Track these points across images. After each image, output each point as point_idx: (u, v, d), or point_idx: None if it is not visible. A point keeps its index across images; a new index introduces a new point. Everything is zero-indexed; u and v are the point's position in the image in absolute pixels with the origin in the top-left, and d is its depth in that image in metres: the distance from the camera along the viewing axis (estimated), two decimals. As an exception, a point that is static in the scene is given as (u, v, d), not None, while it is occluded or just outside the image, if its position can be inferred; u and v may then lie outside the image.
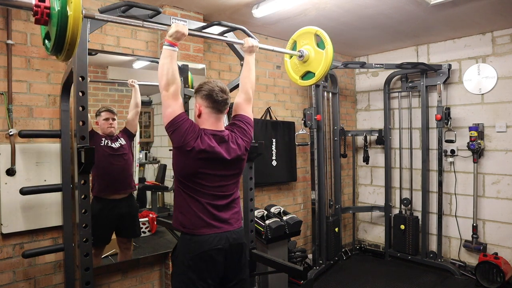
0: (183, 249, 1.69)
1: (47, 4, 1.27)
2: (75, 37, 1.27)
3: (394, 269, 4.09)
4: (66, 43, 1.28)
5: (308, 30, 2.28)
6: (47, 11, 1.27)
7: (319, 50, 2.21)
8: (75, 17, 1.24)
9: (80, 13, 1.25)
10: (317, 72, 2.23)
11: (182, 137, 1.62)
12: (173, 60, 1.67)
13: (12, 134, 2.26)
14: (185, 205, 1.70)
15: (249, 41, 2.01)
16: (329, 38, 2.17)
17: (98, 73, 2.71)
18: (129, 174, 2.81)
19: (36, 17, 1.27)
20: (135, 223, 2.85)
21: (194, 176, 1.67)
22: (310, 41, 2.26)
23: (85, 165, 1.68)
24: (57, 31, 1.25)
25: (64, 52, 1.30)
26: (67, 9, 1.23)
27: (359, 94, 4.98)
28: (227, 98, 1.76)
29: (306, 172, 4.29)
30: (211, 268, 1.67)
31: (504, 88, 3.69)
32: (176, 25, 1.68)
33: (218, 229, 1.69)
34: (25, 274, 2.37)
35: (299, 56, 2.28)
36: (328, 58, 2.16)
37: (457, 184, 4.02)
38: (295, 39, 2.36)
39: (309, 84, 2.37)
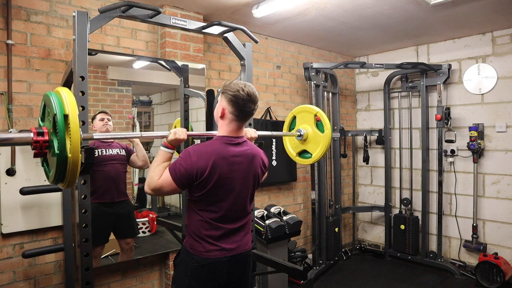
0: (186, 258, 1.67)
1: (45, 139, 1.29)
2: (75, 174, 1.30)
3: (394, 269, 4.09)
4: (66, 179, 1.30)
5: (308, 109, 2.26)
6: (46, 145, 1.30)
7: (318, 132, 2.19)
8: (74, 158, 1.26)
9: (78, 153, 1.27)
10: (314, 154, 2.22)
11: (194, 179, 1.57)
12: (165, 161, 1.63)
13: (12, 134, 2.26)
14: (196, 228, 1.65)
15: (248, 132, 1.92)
16: (328, 121, 2.17)
17: (98, 73, 2.71)
18: (122, 182, 2.76)
19: (35, 151, 1.30)
20: (131, 223, 2.85)
21: (208, 194, 1.61)
22: (309, 120, 2.24)
23: (85, 165, 1.67)
24: (57, 169, 1.27)
25: (65, 184, 1.33)
26: (66, 152, 1.24)
27: (359, 94, 4.98)
28: (254, 109, 1.67)
29: (306, 172, 4.29)
30: (213, 277, 1.65)
31: (504, 88, 3.69)
32: (175, 133, 1.65)
33: (228, 252, 1.66)
34: (25, 274, 2.37)
35: (298, 136, 2.26)
36: (326, 143, 2.15)
37: (457, 184, 4.02)
38: (295, 114, 2.34)
39: (305, 163, 2.36)
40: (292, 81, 4.17)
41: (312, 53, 4.40)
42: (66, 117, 1.24)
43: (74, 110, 1.26)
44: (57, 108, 1.24)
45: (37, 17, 2.42)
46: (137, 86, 2.97)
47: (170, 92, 3.16)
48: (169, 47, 2.91)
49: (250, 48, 2.33)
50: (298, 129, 2.26)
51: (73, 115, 1.25)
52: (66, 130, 1.24)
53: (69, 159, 1.25)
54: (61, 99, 1.27)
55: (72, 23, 2.03)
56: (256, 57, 3.76)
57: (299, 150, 2.32)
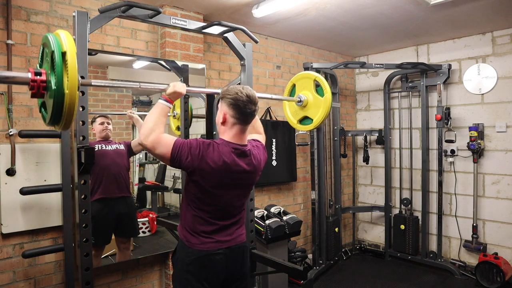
0: (182, 254, 1.68)
1: (43, 78, 1.27)
2: (72, 113, 1.28)
3: (394, 269, 4.09)
4: (63, 118, 1.28)
5: (307, 75, 2.27)
6: (44, 85, 1.28)
7: (318, 97, 2.20)
8: (71, 95, 1.24)
9: (76, 90, 1.25)
10: (315, 119, 2.22)
11: (190, 164, 1.56)
12: (162, 115, 1.61)
13: (12, 134, 2.26)
14: (190, 222, 1.66)
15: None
16: (328, 85, 2.17)
17: (98, 73, 2.71)
18: (123, 177, 2.77)
19: (32, 91, 1.28)
20: (133, 222, 2.85)
21: (205, 195, 1.63)
22: (309, 86, 2.25)
23: (85, 165, 1.68)
24: (53, 107, 1.26)
25: (61, 124, 1.32)
26: (63, 88, 1.23)
27: (359, 94, 4.98)
28: (255, 110, 1.66)
29: (306, 172, 4.29)
30: (210, 272, 1.66)
31: (504, 88, 3.69)
32: (175, 85, 1.64)
33: (223, 244, 1.68)
34: (25, 274, 2.37)
35: (298, 102, 2.27)
36: (326, 105, 2.16)
37: (457, 184, 4.02)
38: (295, 82, 2.35)
39: (307, 129, 2.36)
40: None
41: (312, 53, 4.40)
42: (64, 54, 1.23)
43: (72, 48, 1.25)
44: (55, 46, 1.24)
45: (37, 17, 2.42)
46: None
47: (170, 92, 3.15)
48: (169, 47, 2.91)
49: (250, 48, 2.33)
50: (298, 95, 2.27)
51: (71, 52, 1.24)
52: (64, 67, 1.23)
53: (66, 95, 1.23)
54: (59, 39, 1.26)
55: (72, 23, 2.03)
56: (256, 57, 3.76)
57: (299, 117, 2.33)
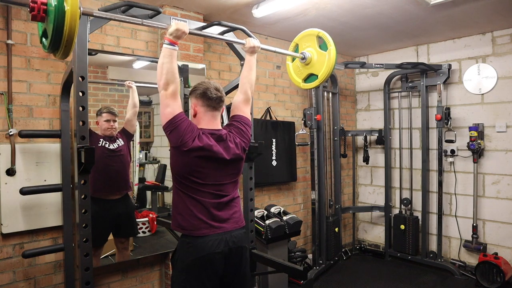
0: (182, 254, 1.68)
1: (43, 0, 1.24)
2: (73, 33, 1.24)
3: (394, 269, 4.08)
4: (63, 39, 1.25)
5: (310, 32, 2.26)
6: (44, 7, 1.24)
7: (322, 52, 2.19)
8: (72, 12, 1.21)
9: (77, 8, 1.23)
10: (320, 73, 2.20)
11: (180, 137, 1.60)
12: (173, 59, 1.64)
13: (12, 134, 2.26)
14: (183, 205, 1.68)
15: (251, 41, 2.00)
16: (331, 39, 2.16)
17: (98, 73, 2.71)
18: (125, 175, 2.80)
19: (32, 13, 1.25)
20: (132, 222, 2.85)
21: (192, 175, 1.66)
22: (312, 43, 2.24)
23: (85, 165, 1.68)
24: (54, 27, 1.23)
25: (61, 49, 1.28)
26: (64, 4, 1.20)
27: (359, 94, 4.98)
28: (221, 96, 1.77)
29: (306, 172, 4.29)
30: (210, 272, 1.66)
31: (504, 88, 3.69)
32: (177, 23, 1.65)
33: (218, 229, 1.68)
34: (25, 274, 2.37)
35: (302, 59, 2.25)
36: (331, 59, 2.14)
37: (457, 184, 4.02)
38: (297, 42, 2.34)
39: (312, 86, 2.36)
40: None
41: (312, 53, 4.39)
42: None
43: None
44: None
45: (37, 17, 2.41)
46: (137, 86, 2.96)
47: (170, 92, 3.15)
48: (169, 47, 2.91)
49: (250, 48, 2.32)
50: (302, 52, 2.26)
51: None
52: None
53: (67, 12, 1.20)
54: None
55: (72, 23, 2.03)
56: (256, 57, 3.75)
57: (304, 75, 2.33)
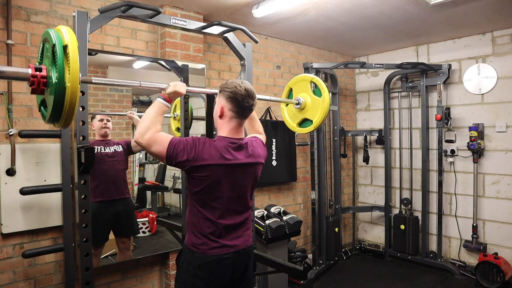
0: (188, 257, 1.66)
1: (43, 74, 1.24)
2: (73, 108, 1.24)
3: (394, 269, 4.09)
4: (63, 114, 1.25)
5: (304, 78, 2.27)
6: (44, 81, 1.25)
7: (316, 98, 2.19)
8: (73, 89, 1.21)
9: (78, 84, 1.22)
10: (314, 119, 2.20)
11: (185, 161, 1.55)
12: (160, 114, 1.59)
13: (12, 134, 2.26)
14: (198, 225, 1.64)
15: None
16: (325, 85, 2.17)
17: (98, 73, 2.71)
18: (122, 179, 2.78)
19: (32, 87, 1.24)
20: (132, 221, 2.85)
21: (209, 193, 1.61)
22: (306, 89, 2.24)
23: (85, 165, 1.68)
24: (54, 102, 1.22)
25: (61, 121, 1.28)
26: (65, 81, 1.20)
27: (359, 94, 4.98)
28: (253, 104, 1.66)
29: (306, 172, 4.28)
30: (217, 276, 1.65)
31: (504, 88, 3.69)
32: (175, 85, 1.62)
33: (231, 248, 1.66)
34: (25, 274, 2.37)
35: (296, 104, 2.26)
36: (325, 105, 2.15)
37: (457, 184, 4.02)
38: (291, 86, 2.33)
39: (307, 131, 2.35)
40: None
41: (312, 53, 4.40)
42: (66, 48, 1.21)
43: (74, 42, 1.23)
44: (57, 40, 1.22)
45: (37, 17, 2.42)
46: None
47: (170, 92, 3.15)
48: (169, 47, 2.91)
49: (250, 48, 2.33)
50: (297, 97, 2.27)
51: (72, 46, 1.22)
52: (66, 60, 1.21)
53: (67, 88, 1.20)
54: (60, 33, 1.24)
55: (72, 23, 2.03)
56: (256, 57, 3.76)
57: (299, 120, 2.32)
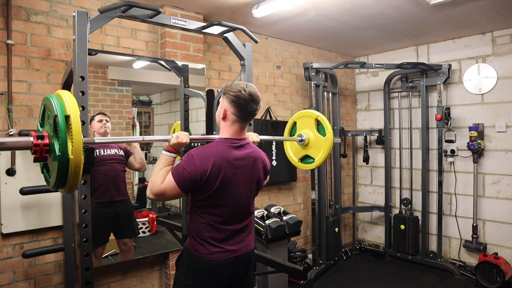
0: (188, 260, 1.66)
1: (45, 142, 1.25)
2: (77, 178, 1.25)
3: (394, 269, 4.08)
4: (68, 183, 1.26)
5: (308, 114, 2.24)
6: (46, 148, 1.25)
7: (320, 136, 2.17)
8: (76, 161, 1.21)
9: (81, 155, 1.23)
10: (316, 158, 2.18)
11: (198, 179, 1.54)
12: (167, 165, 1.60)
13: (12, 134, 2.26)
14: (199, 231, 1.64)
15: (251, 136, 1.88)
16: (329, 124, 2.15)
17: (98, 73, 2.71)
18: (122, 181, 2.77)
19: (35, 156, 1.25)
20: (131, 222, 2.85)
21: (210, 196, 1.60)
22: (310, 125, 2.21)
23: (85, 165, 1.67)
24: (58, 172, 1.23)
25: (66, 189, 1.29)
26: (68, 154, 1.20)
27: (359, 94, 4.98)
28: (257, 109, 1.65)
29: (306, 172, 4.28)
30: (217, 280, 1.64)
31: (504, 88, 3.69)
32: (177, 137, 1.62)
33: (232, 253, 1.66)
34: (25, 274, 2.37)
35: (299, 141, 2.23)
36: (328, 146, 2.12)
37: (457, 184, 4.02)
38: (295, 120, 2.31)
39: (308, 168, 2.33)
40: (292, 81, 4.17)
41: (312, 53, 4.40)
42: (68, 118, 1.21)
43: (76, 111, 1.24)
44: (58, 109, 1.22)
45: (37, 17, 2.42)
46: (137, 86, 2.97)
47: (170, 92, 3.16)
48: (169, 47, 2.91)
49: (250, 48, 2.33)
50: (300, 134, 2.24)
51: (74, 116, 1.22)
52: (68, 131, 1.21)
53: (71, 161, 1.21)
54: (62, 101, 1.24)
55: (72, 23, 2.03)
56: (256, 57, 3.76)
57: (301, 155, 2.29)
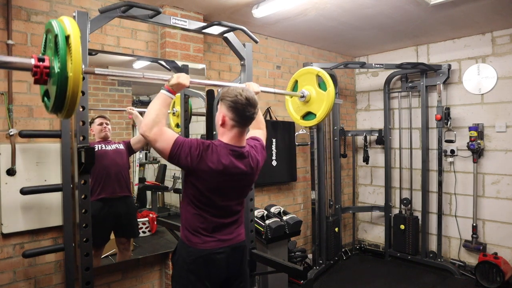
0: (183, 252, 1.67)
1: (46, 64, 1.24)
2: (75, 98, 1.25)
3: (394, 269, 4.09)
4: (66, 103, 1.25)
5: (309, 71, 2.26)
6: (47, 71, 1.25)
7: (321, 91, 2.19)
8: (75, 79, 1.21)
9: (80, 74, 1.23)
10: (318, 113, 2.21)
11: (188, 163, 1.55)
12: (165, 106, 1.58)
13: (12, 134, 2.26)
14: (191, 222, 1.66)
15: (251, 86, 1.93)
16: (330, 79, 2.16)
17: (98, 73, 2.71)
18: (124, 176, 2.78)
19: (35, 77, 1.25)
20: (132, 223, 2.85)
21: (204, 195, 1.63)
22: (311, 82, 2.24)
23: (85, 165, 1.68)
24: (56, 92, 1.23)
25: (64, 111, 1.28)
26: (67, 71, 1.21)
27: (359, 94, 4.98)
28: (255, 113, 1.66)
29: (306, 172, 4.29)
30: (212, 270, 1.66)
31: (504, 88, 3.69)
32: (178, 76, 1.61)
33: (223, 243, 1.69)
34: (25, 274, 2.38)
35: (301, 97, 2.26)
36: (329, 100, 2.15)
37: (457, 184, 4.02)
38: (297, 78, 2.33)
39: (310, 125, 2.36)
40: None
41: (312, 53, 4.40)
42: (68, 38, 1.22)
43: (76, 32, 1.24)
44: (59, 30, 1.23)
45: (37, 17, 2.42)
46: (137, 86, 2.97)
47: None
48: (169, 47, 2.91)
49: (250, 48, 2.33)
50: (301, 90, 2.27)
51: (74, 36, 1.22)
52: (68, 50, 1.21)
53: (69, 78, 1.21)
54: (62, 23, 1.25)
55: (72, 23, 2.03)
56: (256, 57, 3.76)
57: (302, 113, 2.33)
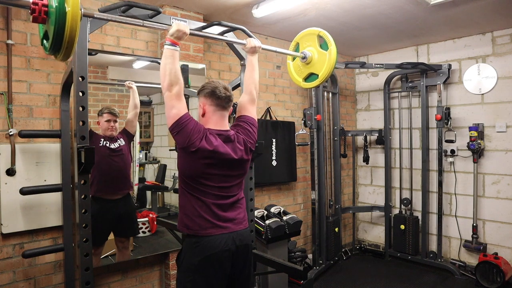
0: (189, 253, 1.67)
1: (44, 2, 1.24)
2: (74, 35, 1.24)
3: (394, 269, 4.09)
4: (64, 41, 1.24)
5: (311, 32, 2.25)
6: (45, 9, 1.24)
7: (323, 51, 2.18)
8: (74, 14, 1.21)
9: (78, 9, 1.23)
10: (320, 73, 2.20)
11: (187, 138, 1.60)
12: (175, 60, 1.63)
13: (12, 134, 2.26)
14: (189, 206, 1.69)
15: (252, 41, 2.00)
16: (332, 38, 2.15)
17: (98, 73, 2.71)
18: (127, 174, 2.80)
19: (33, 15, 1.24)
20: (132, 222, 2.85)
21: (200, 177, 1.66)
22: (313, 43, 2.23)
23: (85, 165, 1.68)
24: (55, 29, 1.22)
25: (62, 50, 1.27)
26: (65, 6, 1.20)
27: (359, 94, 4.98)
28: (230, 95, 1.77)
29: (306, 172, 4.29)
30: (218, 270, 1.65)
31: (504, 88, 3.69)
32: (177, 24, 1.65)
33: (224, 229, 1.68)
34: (25, 274, 2.37)
35: (302, 58, 2.25)
36: (331, 59, 2.14)
37: (457, 184, 4.02)
38: (298, 40, 2.33)
39: (313, 86, 2.35)
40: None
41: (312, 53, 4.39)
42: None
43: None
44: None
45: (37, 17, 2.41)
46: (137, 86, 2.96)
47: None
48: (169, 47, 2.91)
49: (250, 48, 2.32)
50: (303, 51, 2.26)
51: None
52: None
53: (68, 13, 1.20)
54: None
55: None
56: (257, 57, 3.75)
57: (305, 75, 2.32)
